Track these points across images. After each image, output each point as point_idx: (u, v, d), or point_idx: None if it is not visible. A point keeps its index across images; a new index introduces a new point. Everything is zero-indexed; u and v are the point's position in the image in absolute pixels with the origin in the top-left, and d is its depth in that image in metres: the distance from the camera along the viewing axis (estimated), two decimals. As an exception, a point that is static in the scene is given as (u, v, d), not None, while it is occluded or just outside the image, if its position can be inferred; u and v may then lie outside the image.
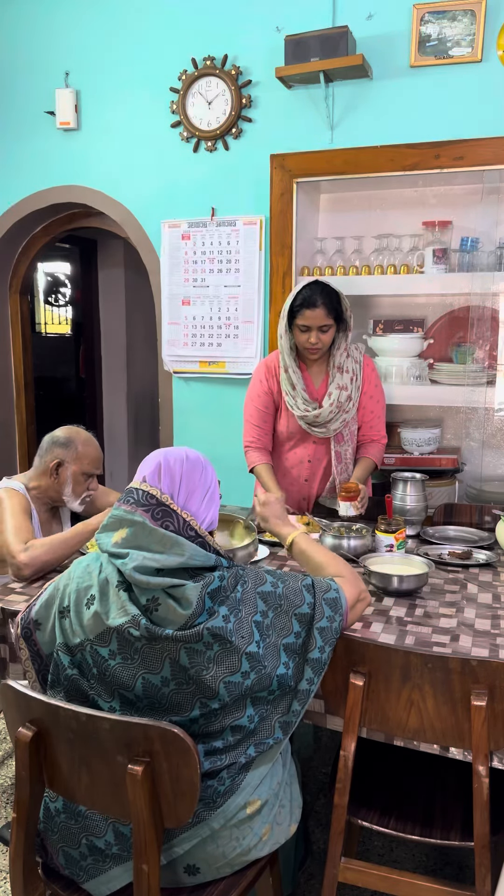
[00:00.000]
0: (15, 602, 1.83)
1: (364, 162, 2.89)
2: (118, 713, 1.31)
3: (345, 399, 2.51)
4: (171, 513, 1.34)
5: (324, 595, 1.42)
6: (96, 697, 1.34)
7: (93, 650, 1.32)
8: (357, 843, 1.99)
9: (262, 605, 1.34)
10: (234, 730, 1.32)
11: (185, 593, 1.28)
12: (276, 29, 3.01)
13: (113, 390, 5.49)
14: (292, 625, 1.37)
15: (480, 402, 2.95)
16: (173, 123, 3.26)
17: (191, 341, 3.37)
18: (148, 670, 1.29)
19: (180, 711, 1.30)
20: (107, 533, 1.37)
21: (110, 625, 1.29)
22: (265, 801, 1.38)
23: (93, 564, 1.39)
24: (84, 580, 1.37)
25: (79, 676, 1.35)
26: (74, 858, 1.36)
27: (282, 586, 1.39)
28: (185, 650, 1.27)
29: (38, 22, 3.45)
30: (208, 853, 1.34)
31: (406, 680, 1.41)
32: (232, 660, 1.28)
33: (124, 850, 1.33)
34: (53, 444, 2.26)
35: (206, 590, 1.29)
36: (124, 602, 1.29)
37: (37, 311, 5.35)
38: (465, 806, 1.59)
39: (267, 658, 1.32)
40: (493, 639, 1.63)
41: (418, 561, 1.99)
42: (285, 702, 1.38)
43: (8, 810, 2.24)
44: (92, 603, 1.33)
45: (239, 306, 3.25)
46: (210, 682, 1.27)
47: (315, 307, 2.39)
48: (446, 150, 2.76)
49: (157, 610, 1.28)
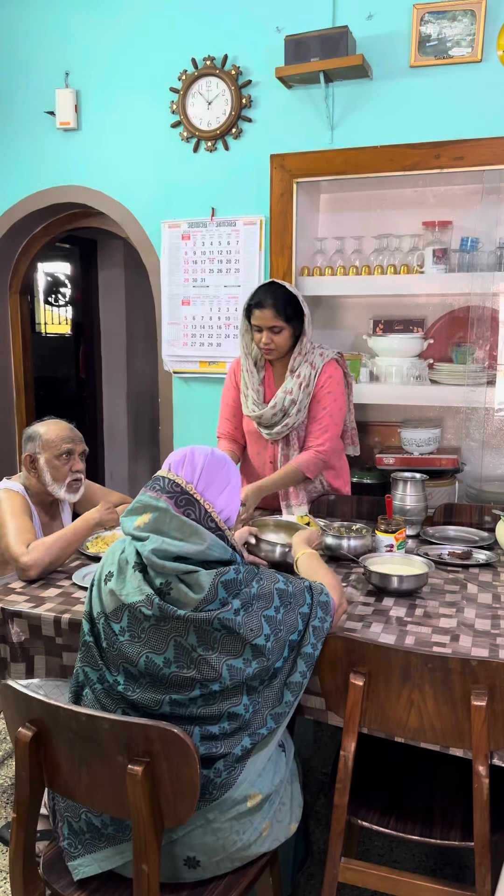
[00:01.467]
0: (15, 602, 1.83)
1: (364, 162, 2.89)
2: (122, 687, 1.36)
3: (288, 403, 2.44)
4: (195, 502, 1.39)
5: (319, 597, 1.48)
6: (104, 668, 1.39)
7: (106, 624, 1.38)
8: (357, 843, 1.99)
9: (278, 600, 1.39)
10: (231, 717, 1.35)
11: (198, 579, 1.33)
12: (276, 29, 3.01)
13: (113, 390, 5.49)
14: (298, 622, 1.42)
15: (480, 402, 2.95)
16: (173, 123, 3.26)
17: (190, 341, 3.37)
18: (152, 650, 1.34)
19: (181, 690, 1.33)
20: (131, 517, 1.43)
21: (124, 601, 1.35)
22: (266, 795, 1.39)
23: (118, 545, 1.47)
24: (109, 559, 1.45)
25: (93, 645, 1.42)
26: (75, 831, 1.41)
27: (291, 586, 1.44)
28: (194, 630, 1.31)
29: (37, 22, 3.45)
30: (208, 845, 1.35)
31: (406, 680, 1.41)
32: (236, 646, 1.33)
33: (119, 832, 1.36)
34: (25, 441, 2.29)
35: (220, 578, 1.33)
36: (140, 582, 1.35)
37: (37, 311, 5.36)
38: (465, 806, 1.59)
39: (273, 652, 1.36)
40: (493, 639, 1.63)
41: (418, 561, 1.99)
42: (275, 692, 1.40)
43: (8, 810, 2.24)
44: (110, 579, 1.40)
45: (239, 306, 3.25)
46: (214, 663, 1.31)
47: (263, 308, 2.37)
48: (446, 150, 2.76)
49: (169, 593, 1.33)
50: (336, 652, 1.46)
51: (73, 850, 1.40)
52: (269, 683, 1.39)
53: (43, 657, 1.79)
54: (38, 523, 2.26)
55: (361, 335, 3.21)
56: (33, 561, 1.96)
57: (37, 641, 1.78)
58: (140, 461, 5.62)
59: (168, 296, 3.39)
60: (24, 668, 1.82)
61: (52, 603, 1.83)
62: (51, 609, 1.79)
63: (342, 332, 3.32)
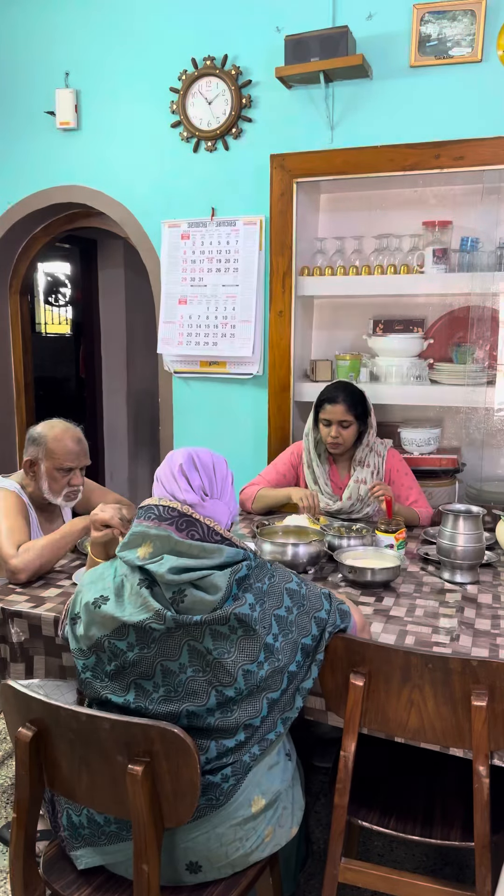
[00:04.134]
0: (15, 602, 1.83)
1: (364, 162, 2.89)
2: (135, 706, 1.33)
3: (364, 492, 2.59)
4: (195, 522, 1.36)
5: (338, 605, 1.48)
6: (109, 695, 1.36)
7: (111, 644, 1.34)
8: (357, 843, 1.99)
9: (288, 601, 1.38)
10: (246, 728, 1.34)
11: (213, 581, 1.31)
12: (276, 29, 3.01)
13: (113, 390, 5.49)
14: (311, 627, 1.41)
15: (480, 402, 2.95)
16: (173, 123, 3.26)
17: (186, 340, 3.35)
18: (165, 657, 1.32)
19: (196, 700, 1.31)
20: (130, 550, 1.38)
21: (127, 621, 1.31)
22: (269, 801, 1.39)
23: (106, 571, 1.43)
24: (96, 586, 1.40)
25: (91, 679, 1.38)
26: (74, 824, 1.40)
27: (305, 588, 1.43)
28: (209, 632, 1.30)
29: (38, 22, 3.45)
30: (211, 851, 1.35)
31: (406, 680, 1.41)
32: (252, 647, 1.31)
33: (122, 830, 1.35)
34: (29, 441, 2.22)
35: (235, 576, 1.32)
36: (146, 599, 1.32)
37: (37, 311, 5.36)
38: (465, 806, 1.59)
39: (283, 652, 1.35)
40: (493, 639, 1.63)
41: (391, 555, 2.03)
42: (288, 697, 1.40)
43: (8, 810, 2.24)
44: (104, 603, 1.36)
45: (237, 305, 3.24)
46: (230, 668, 1.30)
47: (336, 402, 2.55)
48: (446, 150, 2.76)
49: (182, 602, 1.31)
50: (336, 652, 1.46)
51: (75, 842, 1.40)
52: (287, 690, 1.38)
53: (42, 657, 1.79)
54: (36, 522, 2.24)
55: (361, 335, 3.21)
56: (23, 564, 1.95)
57: (37, 642, 1.78)
58: (140, 461, 5.62)
59: (166, 295, 3.38)
60: (23, 668, 1.82)
61: (52, 603, 1.83)
62: (51, 609, 1.79)
63: (342, 332, 3.32)
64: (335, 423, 2.56)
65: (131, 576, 1.36)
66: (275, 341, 3.12)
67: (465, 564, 1.98)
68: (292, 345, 3.11)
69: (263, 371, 3.26)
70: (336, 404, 2.55)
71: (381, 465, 2.65)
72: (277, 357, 3.13)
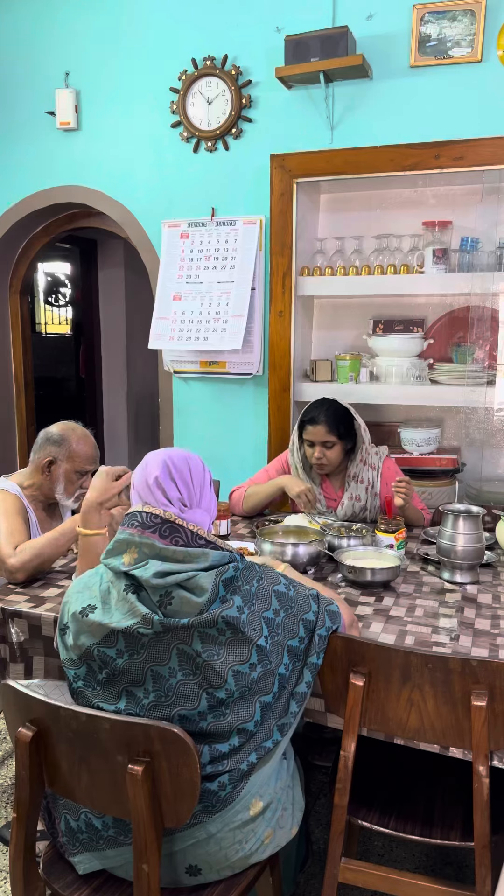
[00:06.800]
0: (15, 602, 1.83)
1: (364, 162, 2.89)
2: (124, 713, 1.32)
3: (359, 509, 2.55)
4: (178, 528, 1.36)
5: (327, 606, 1.46)
6: (101, 703, 1.35)
7: (100, 652, 1.33)
8: (357, 843, 1.99)
9: (276, 603, 1.37)
10: (240, 732, 1.33)
11: (198, 582, 1.30)
12: (276, 29, 3.01)
13: (113, 390, 5.49)
14: (299, 629, 1.40)
15: (480, 402, 2.95)
16: (173, 123, 3.26)
17: (178, 335, 3.30)
18: (155, 662, 1.31)
19: (187, 703, 1.30)
20: (115, 556, 1.38)
21: (115, 627, 1.31)
22: (268, 803, 1.38)
23: (92, 579, 1.42)
24: (83, 595, 1.40)
25: (84, 688, 1.37)
26: (72, 829, 1.39)
27: (293, 590, 1.42)
28: (198, 635, 1.29)
29: (38, 22, 3.45)
30: (210, 854, 1.35)
31: (406, 680, 1.41)
32: (242, 649, 1.30)
33: (120, 835, 1.35)
34: (47, 441, 2.24)
35: (221, 577, 1.31)
36: (133, 604, 1.31)
37: (37, 311, 5.36)
38: (465, 806, 1.59)
39: (272, 655, 1.34)
40: (493, 639, 1.63)
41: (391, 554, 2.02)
42: (282, 703, 1.39)
43: (8, 810, 2.24)
44: (92, 611, 1.35)
45: (230, 301, 3.21)
46: (220, 669, 1.29)
47: (316, 423, 2.45)
48: (446, 150, 2.76)
49: (170, 604, 1.30)
50: (336, 652, 1.46)
51: (72, 848, 1.40)
52: (280, 695, 1.37)
53: (42, 658, 1.79)
54: (35, 521, 2.24)
55: (361, 335, 3.21)
56: (21, 563, 1.95)
57: (36, 642, 1.78)
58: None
59: (161, 290, 3.37)
60: (22, 668, 1.81)
61: (51, 603, 1.83)
62: (51, 609, 1.79)
63: (342, 332, 3.32)
64: (318, 443, 2.47)
65: (117, 582, 1.35)
66: (275, 341, 3.12)
67: (464, 564, 1.99)
68: (292, 345, 3.11)
69: (263, 371, 3.26)
70: (317, 425, 2.45)
71: (377, 480, 2.55)
72: (277, 357, 3.13)
